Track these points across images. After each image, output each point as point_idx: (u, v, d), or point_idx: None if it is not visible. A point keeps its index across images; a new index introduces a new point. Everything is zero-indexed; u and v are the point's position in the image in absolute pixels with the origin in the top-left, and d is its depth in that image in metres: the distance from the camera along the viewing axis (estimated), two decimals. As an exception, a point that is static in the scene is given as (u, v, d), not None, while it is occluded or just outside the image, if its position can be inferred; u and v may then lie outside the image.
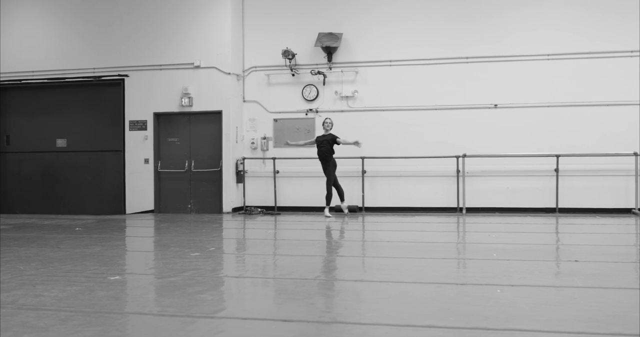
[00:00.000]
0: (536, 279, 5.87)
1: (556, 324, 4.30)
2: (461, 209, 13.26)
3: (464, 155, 13.15)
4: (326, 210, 12.87)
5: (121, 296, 5.48)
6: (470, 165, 13.26)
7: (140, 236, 10.77)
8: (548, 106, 13.12)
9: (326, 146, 12.81)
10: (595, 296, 5.18)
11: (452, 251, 8.32)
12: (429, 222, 11.65)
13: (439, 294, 5.32)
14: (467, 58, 13.42)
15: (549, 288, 5.49)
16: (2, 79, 15.16)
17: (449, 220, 12.04)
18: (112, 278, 6.16)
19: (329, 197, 12.87)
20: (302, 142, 13.51)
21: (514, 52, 13.28)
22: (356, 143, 12.66)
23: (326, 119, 13.09)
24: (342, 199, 13.06)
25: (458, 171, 13.29)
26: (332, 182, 12.86)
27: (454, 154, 13.27)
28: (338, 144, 12.86)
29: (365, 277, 6.18)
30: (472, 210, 13.26)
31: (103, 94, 14.85)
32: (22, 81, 15.10)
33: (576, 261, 6.81)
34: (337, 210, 13.25)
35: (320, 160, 12.91)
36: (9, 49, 15.09)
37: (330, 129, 13.01)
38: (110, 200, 14.66)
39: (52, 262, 7.18)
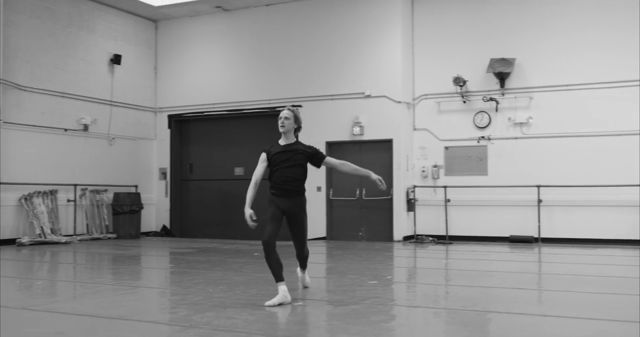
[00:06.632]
0: None
1: None
2: (649, 241, 12.34)
3: (652, 184, 12.26)
4: (306, 276, 7.37)
5: (306, 321, 5.58)
6: (659, 194, 12.33)
7: (316, 262, 10.93)
8: None
9: (297, 168, 6.70)
10: None
11: (646, 287, 7.71)
12: (613, 255, 10.92)
13: (642, 334, 4.92)
14: (653, 80, 12.57)
15: None
16: (187, 112, 16.30)
17: (636, 253, 11.22)
18: (295, 304, 6.30)
19: (305, 257, 7.25)
20: (253, 183, 7.19)
21: None
22: (380, 180, 6.65)
23: (285, 108, 7.09)
24: (304, 265, 7.31)
25: (645, 201, 12.41)
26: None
27: (639, 183, 12.39)
28: (319, 165, 6.82)
29: (554, 313, 5.85)
30: (661, 243, 12.30)
31: (278, 124, 15.40)
32: (204, 113, 16.11)
33: None
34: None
35: (281, 195, 6.92)
36: (193, 84, 16.22)
37: (293, 130, 6.93)
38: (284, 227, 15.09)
39: (238, 285, 7.49)
